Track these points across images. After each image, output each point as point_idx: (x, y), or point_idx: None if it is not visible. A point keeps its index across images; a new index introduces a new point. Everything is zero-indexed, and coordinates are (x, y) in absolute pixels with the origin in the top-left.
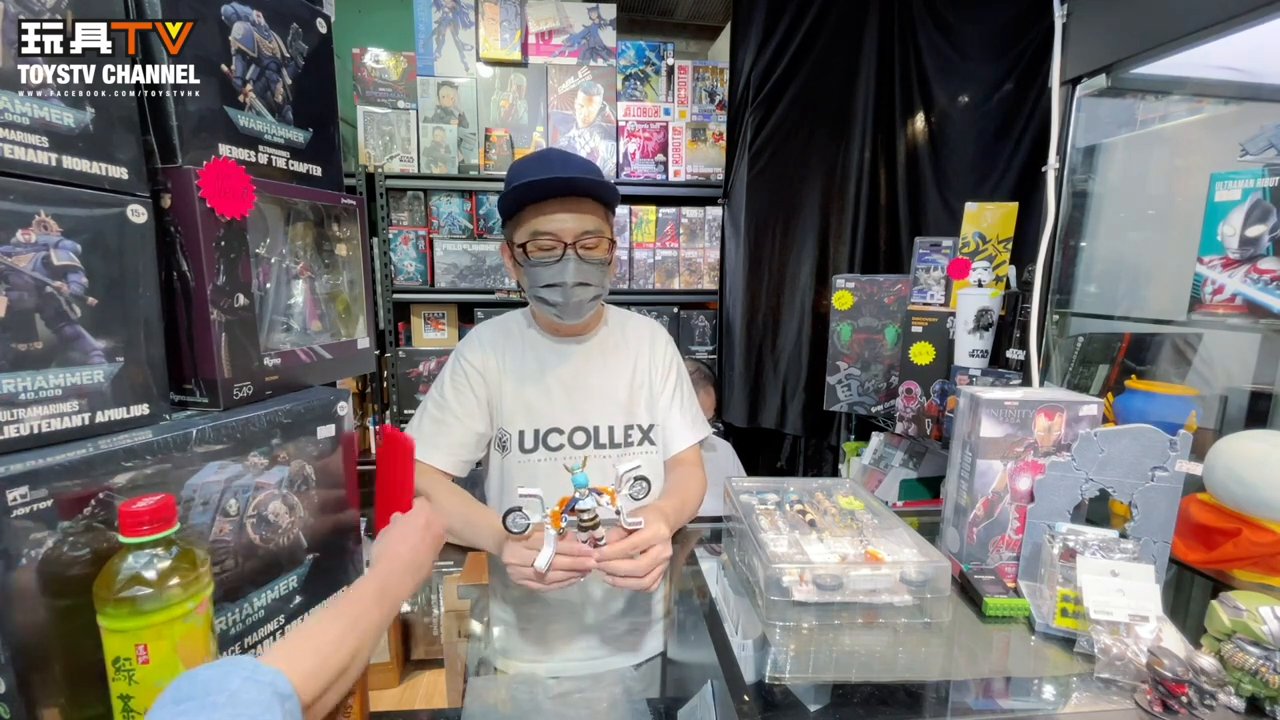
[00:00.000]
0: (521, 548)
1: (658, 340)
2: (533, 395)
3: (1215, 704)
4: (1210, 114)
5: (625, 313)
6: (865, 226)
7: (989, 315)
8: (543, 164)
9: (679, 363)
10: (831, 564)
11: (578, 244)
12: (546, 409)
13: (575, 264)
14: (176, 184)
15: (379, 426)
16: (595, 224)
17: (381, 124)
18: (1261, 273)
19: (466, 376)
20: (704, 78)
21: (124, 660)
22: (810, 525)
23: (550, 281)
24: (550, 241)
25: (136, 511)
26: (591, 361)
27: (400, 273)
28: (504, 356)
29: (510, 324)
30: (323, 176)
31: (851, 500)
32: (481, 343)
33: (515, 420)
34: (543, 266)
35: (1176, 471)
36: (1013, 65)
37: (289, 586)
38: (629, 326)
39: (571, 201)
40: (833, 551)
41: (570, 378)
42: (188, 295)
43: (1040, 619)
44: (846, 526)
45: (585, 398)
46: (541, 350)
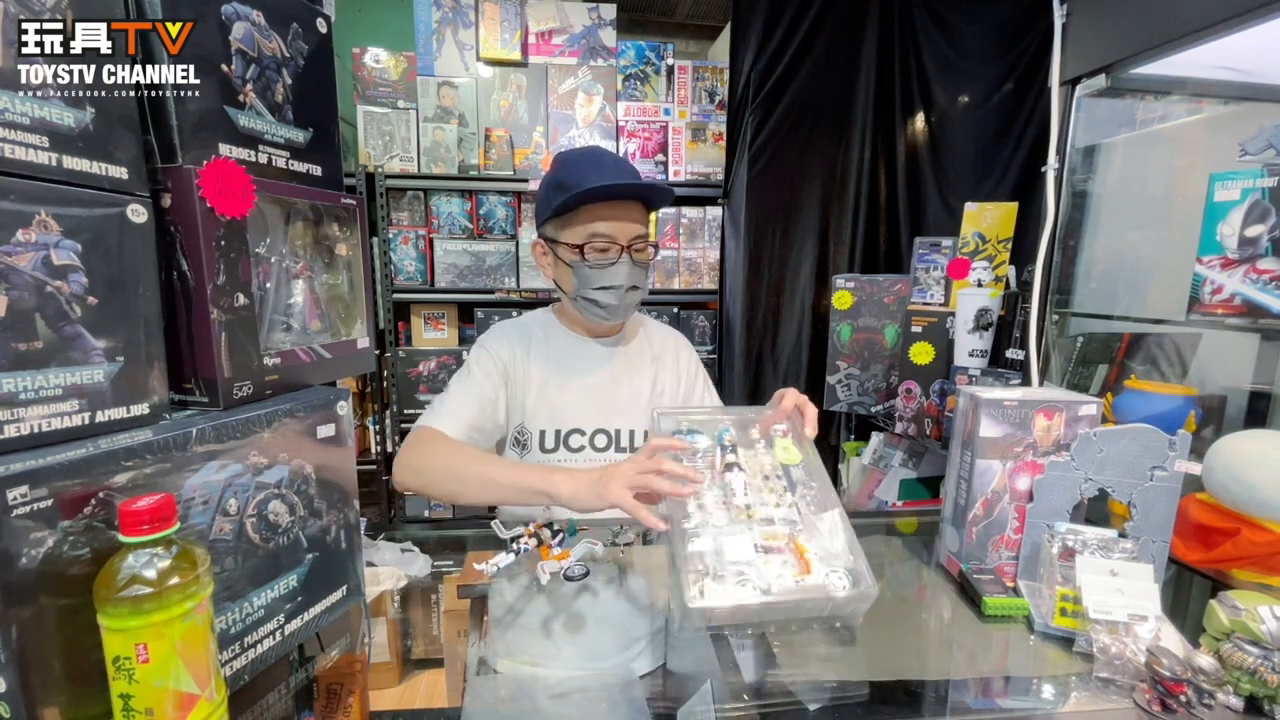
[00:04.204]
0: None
1: (682, 350)
2: (557, 395)
3: (1214, 703)
4: (1209, 114)
5: (648, 319)
6: (865, 226)
7: (989, 315)
8: (600, 166)
9: (703, 370)
10: (753, 583)
11: (631, 247)
12: (570, 410)
13: (629, 268)
14: (177, 184)
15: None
16: (644, 229)
17: (381, 124)
18: (1260, 273)
19: (494, 364)
20: (704, 78)
21: (124, 659)
22: (741, 506)
23: (606, 284)
24: (606, 244)
25: (136, 511)
26: (617, 364)
27: (400, 272)
28: (529, 355)
29: (533, 324)
30: (323, 176)
31: (789, 450)
32: (508, 339)
33: (537, 419)
34: (599, 269)
35: (1176, 471)
36: (1012, 65)
37: (289, 586)
38: (653, 333)
39: (627, 206)
40: (757, 543)
41: (596, 380)
42: (188, 295)
43: (1039, 618)
44: (774, 490)
45: (609, 400)
46: (566, 350)
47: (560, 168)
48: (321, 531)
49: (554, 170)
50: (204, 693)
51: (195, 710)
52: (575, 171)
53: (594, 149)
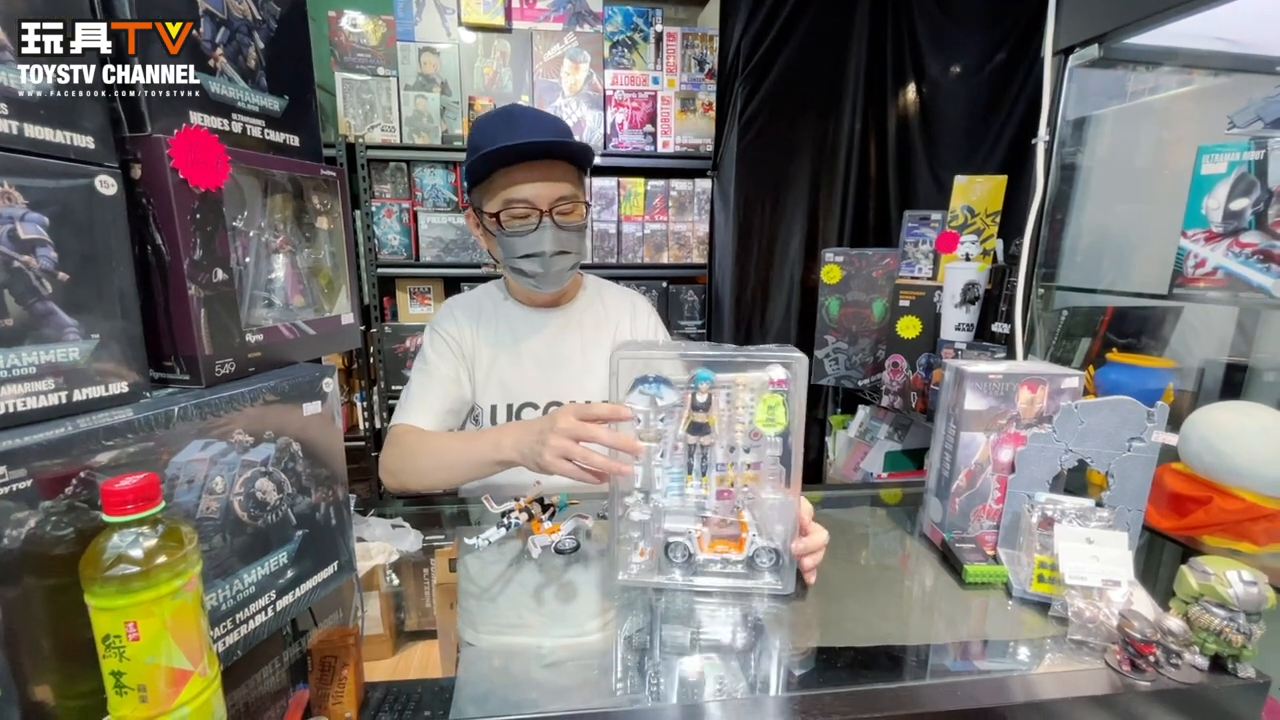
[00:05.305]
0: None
1: (639, 310)
2: (506, 369)
3: (1180, 663)
4: (1200, 86)
5: (603, 282)
6: (855, 199)
7: (975, 289)
8: (511, 124)
9: (664, 332)
10: (680, 559)
11: (553, 210)
12: (520, 383)
13: (553, 232)
14: (146, 154)
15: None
16: (570, 189)
17: (361, 91)
18: (1243, 246)
19: (446, 344)
20: (693, 45)
21: (114, 638)
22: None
23: (528, 251)
24: (525, 209)
25: (120, 490)
26: (569, 333)
27: (384, 246)
28: (477, 329)
29: (483, 296)
30: (300, 146)
31: (775, 413)
32: (454, 316)
33: (488, 394)
34: (518, 236)
35: (1153, 442)
36: (1006, 34)
37: (279, 563)
38: (608, 297)
39: (545, 166)
40: (700, 514)
41: (545, 350)
42: (164, 270)
43: (1018, 585)
44: (734, 466)
45: (561, 370)
46: (516, 322)
47: (475, 130)
48: (311, 508)
49: (470, 133)
50: (197, 668)
51: (189, 686)
52: (487, 133)
53: (511, 107)
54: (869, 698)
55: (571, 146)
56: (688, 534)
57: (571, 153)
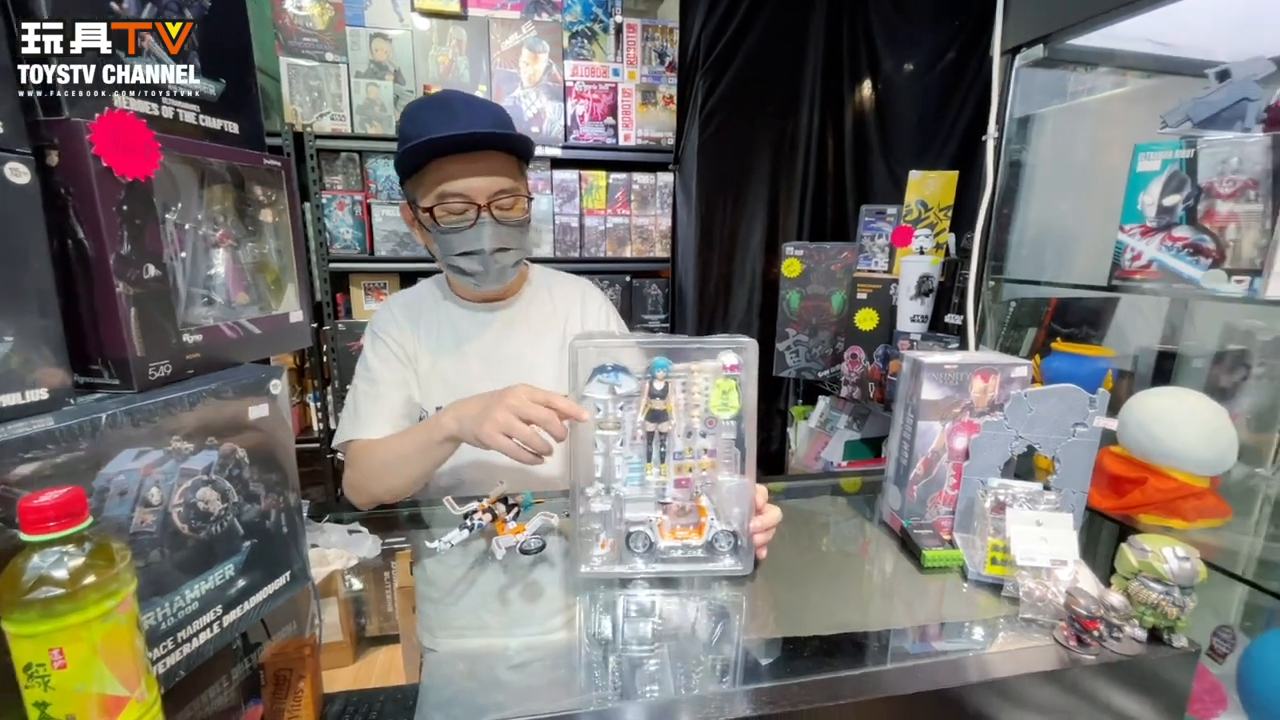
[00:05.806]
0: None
1: (589, 300)
2: (450, 370)
3: (1121, 636)
4: (1134, 87)
5: (550, 273)
6: (814, 194)
7: (930, 281)
8: (446, 112)
9: (616, 319)
10: (641, 549)
11: (492, 205)
12: (465, 384)
13: (492, 228)
14: (64, 139)
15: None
16: (509, 181)
17: (308, 78)
18: (1175, 240)
19: (389, 348)
20: (653, 38)
21: (37, 666)
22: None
23: (465, 249)
24: (461, 204)
25: (40, 507)
26: (515, 330)
27: (337, 240)
28: (418, 329)
29: (423, 294)
30: (240, 134)
31: (729, 396)
32: (394, 317)
33: (432, 397)
34: (455, 233)
35: (1095, 427)
36: (956, 33)
37: (225, 575)
38: (555, 288)
39: (483, 157)
40: (661, 500)
41: (490, 349)
42: (87, 266)
43: (972, 568)
44: (692, 450)
45: (509, 369)
46: (458, 320)
47: (406, 118)
48: (260, 516)
49: (400, 121)
50: (133, 694)
51: (125, 713)
52: (419, 121)
53: (445, 93)
54: (833, 685)
55: (511, 138)
56: (648, 523)
57: (508, 144)
